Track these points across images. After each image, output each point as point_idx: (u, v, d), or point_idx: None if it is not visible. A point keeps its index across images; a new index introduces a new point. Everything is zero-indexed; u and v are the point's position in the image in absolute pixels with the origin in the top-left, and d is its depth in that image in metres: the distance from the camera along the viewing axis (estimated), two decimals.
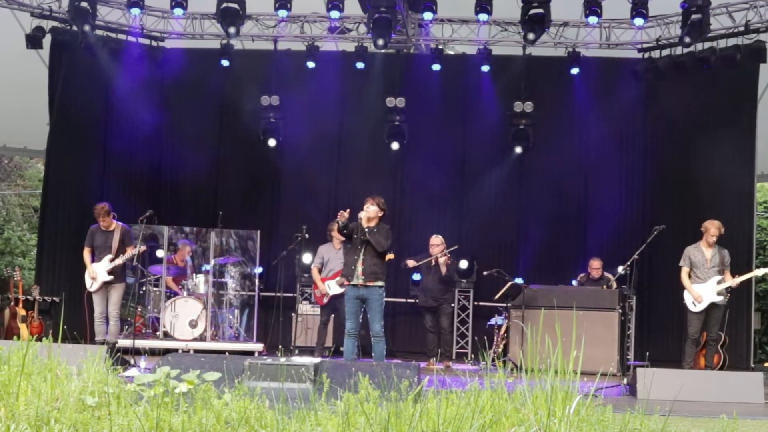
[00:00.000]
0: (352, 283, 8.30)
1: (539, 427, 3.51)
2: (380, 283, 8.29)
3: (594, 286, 11.14)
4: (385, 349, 8.37)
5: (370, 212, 8.30)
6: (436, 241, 11.02)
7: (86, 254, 9.65)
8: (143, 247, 9.93)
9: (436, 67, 12.87)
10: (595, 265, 11.52)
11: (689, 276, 9.30)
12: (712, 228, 9.25)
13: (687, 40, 11.21)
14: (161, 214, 11.47)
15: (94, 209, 9.66)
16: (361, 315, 8.40)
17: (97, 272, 9.50)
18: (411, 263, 11.11)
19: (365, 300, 8.29)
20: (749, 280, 10.14)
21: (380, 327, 8.29)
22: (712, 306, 9.24)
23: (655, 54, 12.48)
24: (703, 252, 9.29)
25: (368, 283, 8.24)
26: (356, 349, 8.41)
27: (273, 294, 11.90)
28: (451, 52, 13.55)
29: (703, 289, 9.19)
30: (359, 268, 8.24)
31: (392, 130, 12.91)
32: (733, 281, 9.21)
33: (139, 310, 11.59)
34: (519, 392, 3.79)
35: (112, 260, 9.50)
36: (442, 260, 10.86)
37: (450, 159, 13.38)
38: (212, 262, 11.76)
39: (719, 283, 9.20)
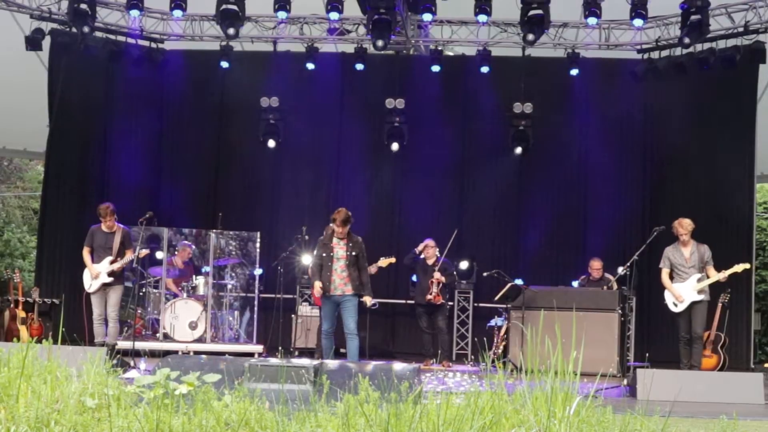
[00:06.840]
0: (330, 293, 8.54)
1: (539, 428, 3.50)
2: (356, 291, 8.53)
3: (594, 287, 11.13)
4: (358, 346, 8.54)
5: (340, 233, 8.51)
6: (431, 244, 11.12)
7: (86, 254, 9.55)
8: (146, 251, 9.91)
9: (435, 68, 12.87)
10: (596, 265, 11.49)
11: (671, 277, 9.26)
12: (680, 228, 9.16)
13: (686, 40, 11.22)
14: (161, 215, 11.46)
15: (99, 209, 9.56)
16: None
17: (98, 272, 9.47)
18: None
19: (339, 303, 8.55)
20: (748, 279, 10.10)
21: (354, 325, 8.49)
22: (694, 304, 9.13)
23: (655, 55, 12.49)
24: (681, 251, 9.19)
25: (346, 292, 8.52)
26: (333, 348, 8.60)
27: (273, 295, 11.91)
28: (451, 53, 13.55)
29: (683, 289, 9.12)
30: (338, 280, 8.49)
31: (392, 132, 12.92)
32: (713, 278, 9.11)
33: (139, 311, 11.57)
34: (519, 393, 3.79)
35: (112, 262, 9.47)
36: (435, 290, 10.98)
37: (450, 160, 13.37)
38: (212, 263, 11.76)
39: (699, 281, 9.12)
